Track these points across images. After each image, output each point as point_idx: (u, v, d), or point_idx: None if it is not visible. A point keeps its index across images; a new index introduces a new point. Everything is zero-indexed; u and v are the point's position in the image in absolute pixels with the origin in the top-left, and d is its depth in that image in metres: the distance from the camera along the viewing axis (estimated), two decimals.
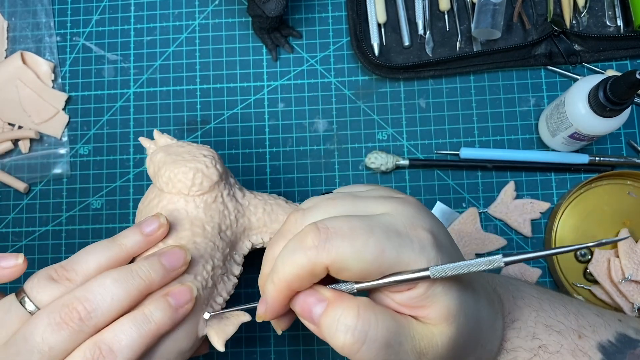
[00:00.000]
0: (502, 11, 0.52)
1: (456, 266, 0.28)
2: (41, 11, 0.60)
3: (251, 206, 0.44)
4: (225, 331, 0.37)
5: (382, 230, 0.29)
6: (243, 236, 0.43)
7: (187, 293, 0.35)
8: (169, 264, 0.35)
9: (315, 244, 0.28)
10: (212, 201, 0.41)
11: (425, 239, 0.29)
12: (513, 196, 0.53)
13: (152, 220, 0.37)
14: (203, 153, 0.42)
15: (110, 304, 0.32)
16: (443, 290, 0.29)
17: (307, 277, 0.29)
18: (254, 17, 0.54)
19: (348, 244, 0.28)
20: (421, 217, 0.30)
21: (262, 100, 0.57)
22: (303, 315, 0.31)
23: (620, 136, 0.54)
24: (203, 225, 0.40)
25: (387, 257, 0.28)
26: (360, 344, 0.28)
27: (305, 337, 0.52)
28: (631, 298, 0.48)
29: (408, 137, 0.55)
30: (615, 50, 0.54)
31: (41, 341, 0.30)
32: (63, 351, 0.31)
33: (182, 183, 0.40)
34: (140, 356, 0.32)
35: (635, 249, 0.49)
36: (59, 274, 0.34)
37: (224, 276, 0.40)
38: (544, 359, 0.35)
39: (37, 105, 0.57)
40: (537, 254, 0.27)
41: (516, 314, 0.36)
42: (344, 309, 0.29)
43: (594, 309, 0.38)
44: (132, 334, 0.32)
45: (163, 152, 0.42)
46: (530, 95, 0.55)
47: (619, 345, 0.35)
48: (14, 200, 0.56)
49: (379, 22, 0.55)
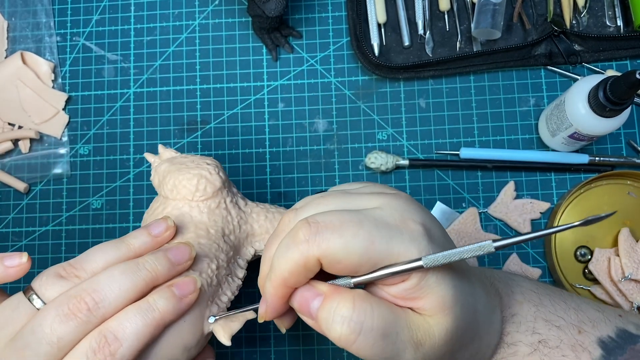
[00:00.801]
0: (502, 11, 0.52)
1: (448, 254, 0.28)
2: (41, 11, 0.60)
3: (253, 214, 0.45)
4: (230, 327, 0.37)
5: (372, 223, 0.29)
6: (246, 242, 0.44)
7: (191, 284, 0.35)
8: (175, 259, 0.35)
9: (307, 238, 0.29)
10: (216, 207, 0.42)
11: (415, 230, 0.30)
12: (513, 196, 0.53)
13: (160, 223, 0.38)
14: (206, 162, 0.43)
15: (118, 295, 0.32)
16: (437, 281, 0.29)
17: (302, 271, 0.30)
18: (254, 17, 0.54)
19: (338, 236, 0.29)
20: (412, 210, 0.31)
21: (262, 100, 0.57)
22: (301, 311, 0.31)
23: (620, 136, 0.54)
24: (207, 229, 0.41)
25: (377, 249, 0.29)
26: (357, 334, 0.29)
27: (305, 337, 0.52)
28: (630, 297, 0.48)
29: (408, 137, 0.55)
30: (615, 50, 0.54)
31: (50, 332, 0.31)
32: (71, 342, 0.31)
33: (187, 189, 0.41)
34: (145, 345, 0.32)
35: (636, 248, 0.49)
36: (67, 272, 0.34)
37: (228, 277, 0.41)
38: (544, 353, 0.35)
39: (37, 105, 0.57)
40: (526, 237, 0.27)
41: (515, 308, 0.36)
42: (339, 300, 0.29)
43: (594, 304, 0.38)
44: (136, 322, 0.32)
45: (167, 162, 0.44)
46: (530, 95, 0.55)
47: (619, 341, 0.35)
48: (14, 200, 0.56)
49: (379, 22, 0.55)
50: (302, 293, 0.31)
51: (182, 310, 0.34)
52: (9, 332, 0.32)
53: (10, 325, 0.32)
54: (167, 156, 0.45)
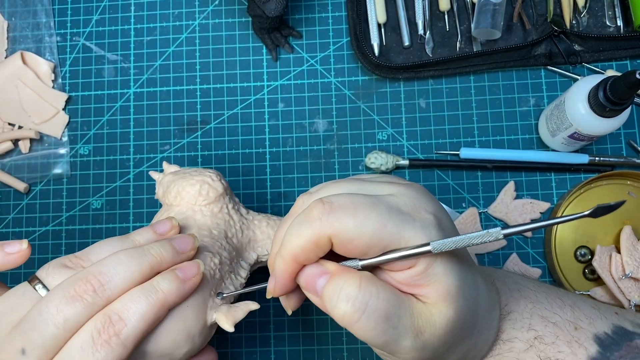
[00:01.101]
0: (502, 11, 0.52)
1: (457, 239, 0.29)
2: (41, 11, 0.60)
3: (255, 220, 0.46)
4: (234, 315, 0.38)
5: (385, 207, 0.30)
6: (248, 247, 0.45)
7: (195, 267, 0.36)
8: (179, 247, 0.36)
9: (320, 216, 0.29)
10: (218, 211, 0.43)
11: (427, 219, 0.30)
12: (513, 196, 0.53)
13: (165, 222, 0.39)
14: (209, 171, 0.45)
15: (124, 277, 0.33)
16: (443, 270, 0.30)
17: (313, 248, 0.30)
18: (254, 17, 0.54)
19: (351, 216, 0.29)
20: (425, 200, 0.31)
21: (262, 100, 0.57)
22: (307, 288, 0.32)
23: (620, 136, 0.54)
24: (210, 230, 0.42)
25: (388, 232, 0.29)
26: (361, 313, 0.29)
27: (305, 337, 0.52)
28: (628, 295, 0.48)
29: (408, 137, 0.55)
30: (615, 50, 0.54)
31: (56, 313, 0.31)
32: (77, 323, 0.31)
33: (190, 195, 0.43)
34: (149, 326, 0.33)
35: (637, 247, 0.49)
36: (73, 263, 0.34)
37: (231, 274, 0.41)
38: (539, 349, 0.35)
39: (37, 105, 0.57)
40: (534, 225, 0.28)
41: (512, 305, 0.36)
42: (346, 279, 0.30)
43: (590, 302, 0.38)
44: (140, 303, 0.32)
45: (171, 174, 0.45)
46: (530, 95, 0.55)
47: (615, 337, 0.35)
48: (14, 200, 0.56)
49: (379, 22, 0.55)
50: (310, 270, 0.31)
51: (185, 292, 0.35)
52: (15, 319, 0.32)
53: (16, 313, 0.32)
54: (170, 171, 0.47)
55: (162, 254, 0.35)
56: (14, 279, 0.55)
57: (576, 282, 0.51)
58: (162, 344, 0.34)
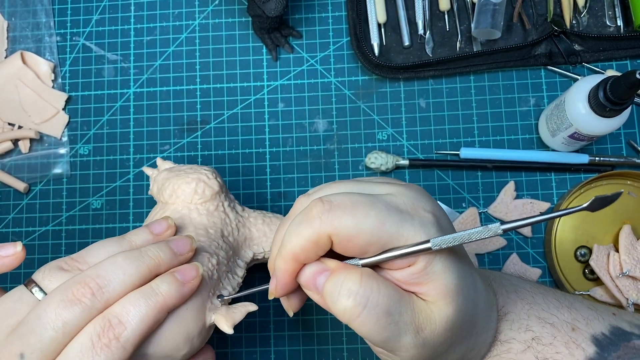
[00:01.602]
0: (502, 11, 0.52)
1: (456, 236, 0.29)
2: (41, 11, 0.60)
3: (251, 218, 0.46)
4: (232, 317, 0.38)
5: (384, 206, 0.30)
6: (245, 245, 0.45)
7: (194, 270, 0.36)
8: (177, 249, 0.36)
9: (319, 215, 0.30)
10: (214, 209, 0.43)
11: (426, 218, 0.30)
12: (513, 196, 0.53)
13: (161, 222, 0.39)
14: (204, 168, 0.44)
15: (122, 280, 0.33)
16: (443, 269, 0.30)
17: (313, 247, 0.30)
18: (254, 17, 0.54)
19: (350, 215, 0.29)
20: (423, 200, 0.32)
21: (262, 100, 0.57)
22: (308, 285, 0.32)
23: (620, 136, 0.54)
24: (206, 229, 0.42)
25: (387, 230, 0.29)
26: (362, 307, 0.29)
27: (305, 337, 0.52)
28: (626, 293, 0.48)
29: (408, 137, 0.55)
30: (615, 50, 0.54)
31: (55, 317, 0.31)
32: (76, 327, 0.31)
33: (185, 193, 0.42)
34: (148, 329, 0.33)
35: (636, 246, 0.49)
36: (69, 265, 0.34)
37: (228, 274, 0.41)
38: (537, 350, 0.35)
39: (37, 105, 0.57)
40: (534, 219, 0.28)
41: (509, 306, 0.36)
42: (347, 275, 0.30)
43: (587, 303, 0.38)
44: (140, 306, 0.32)
45: (166, 171, 0.45)
46: (530, 95, 0.55)
47: (612, 338, 0.35)
48: (14, 200, 0.56)
49: (379, 22, 0.55)
50: (310, 268, 0.32)
51: (184, 295, 0.35)
52: (11, 323, 0.32)
53: (13, 317, 0.32)
54: (165, 167, 0.46)
55: (160, 256, 0.35)
56: (14, 279, 0.55)
57: (576, 282, 0.51)
58: (162, 346, 0.34)
